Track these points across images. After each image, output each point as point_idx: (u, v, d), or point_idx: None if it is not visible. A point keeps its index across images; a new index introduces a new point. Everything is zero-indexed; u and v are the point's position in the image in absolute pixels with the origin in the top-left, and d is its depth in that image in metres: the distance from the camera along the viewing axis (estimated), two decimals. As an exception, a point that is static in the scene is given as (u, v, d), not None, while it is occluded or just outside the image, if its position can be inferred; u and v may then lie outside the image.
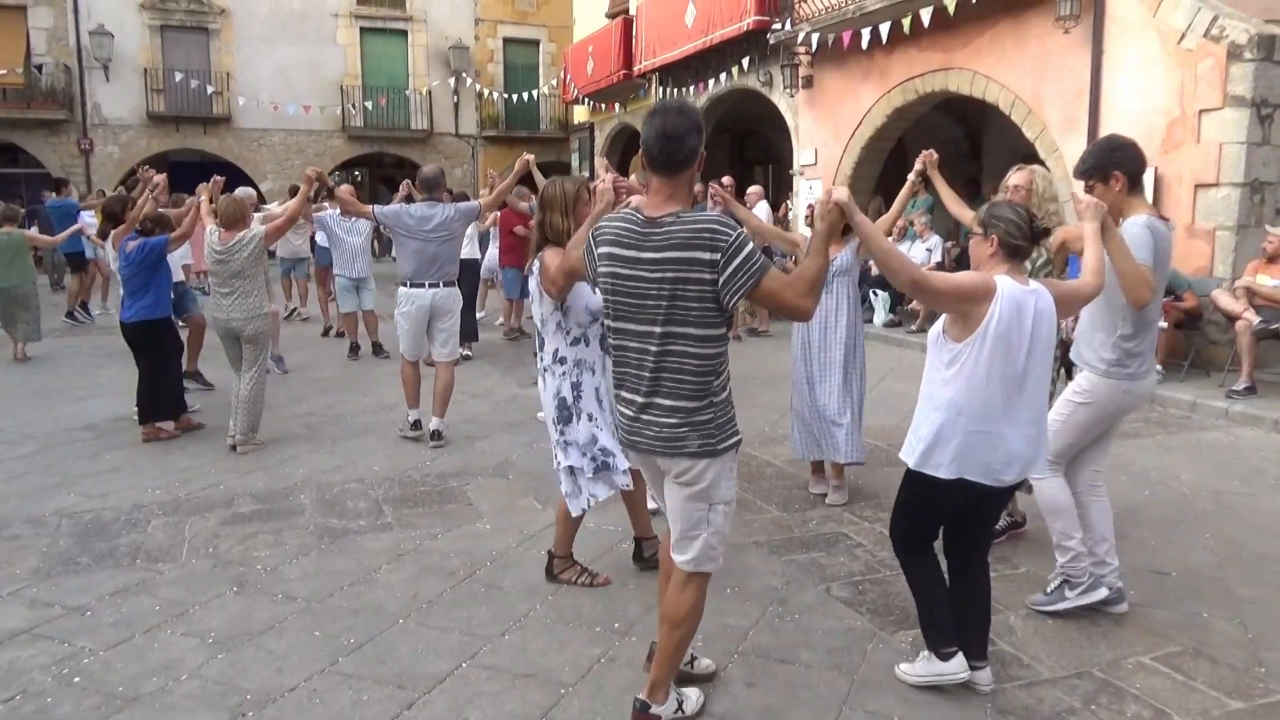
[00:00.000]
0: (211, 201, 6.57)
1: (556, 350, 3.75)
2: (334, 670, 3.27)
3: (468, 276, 9.14)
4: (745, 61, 14.31)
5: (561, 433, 3.76)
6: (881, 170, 13.32)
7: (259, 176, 22.67)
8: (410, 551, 4.39)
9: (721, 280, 2.46)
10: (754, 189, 12.01)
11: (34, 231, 12.45)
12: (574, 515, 3.87)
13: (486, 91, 24.65)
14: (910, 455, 3.00)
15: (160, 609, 3.78)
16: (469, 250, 9.71)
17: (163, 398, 6.49)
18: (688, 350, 2.54)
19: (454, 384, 6.40)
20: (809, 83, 13.40)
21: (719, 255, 2.45)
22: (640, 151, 2.63)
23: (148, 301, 6.39)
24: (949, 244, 11.83)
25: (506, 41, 25.58)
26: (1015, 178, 4.32)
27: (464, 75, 24.49)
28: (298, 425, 6.82)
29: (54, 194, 14.47)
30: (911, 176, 4.79)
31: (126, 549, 4.44)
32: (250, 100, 22.44)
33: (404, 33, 24.54)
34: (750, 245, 2.48)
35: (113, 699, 3.10)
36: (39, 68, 21.26)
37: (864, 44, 11.52)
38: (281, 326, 9.51)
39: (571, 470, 3.75)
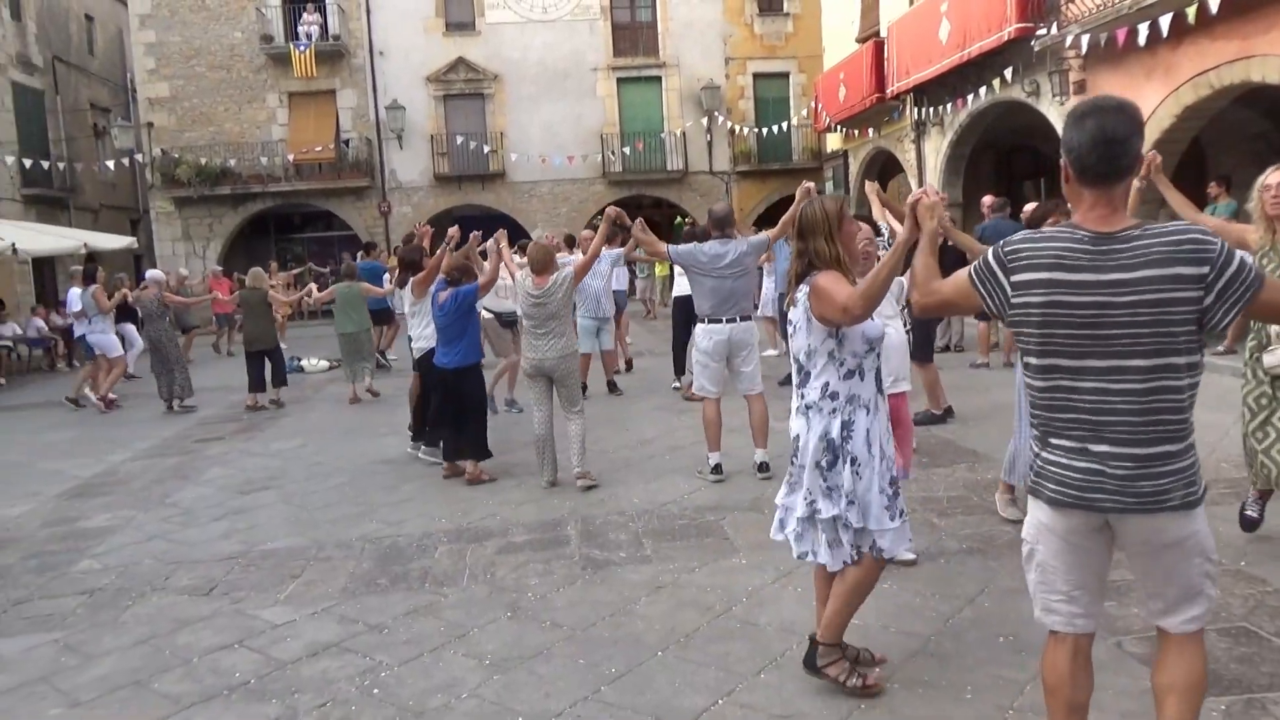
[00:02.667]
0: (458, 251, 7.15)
1: (827, 384, 3.30)
2: (596, 698, 3.39)
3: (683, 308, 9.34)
4: (1008, 72, 13.52)
5: (824, 478, 3.28)
6: (1172, 175, 12.03)
7: (530, 225, 24.36)
8: (668, 584, 4.48)
9: (1212, 298, 2.16)
10: (1030, 206, 11.25)
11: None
12: (831, 569, 3.34)
13: (738, 128, 25.07)
14: None
15: (444, 630, 4.11)
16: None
17: (476, 437, 6.79)
18: (1168, 384, 2.21)
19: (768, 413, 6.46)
20: (1081, 88, 12.42)
21: (1208, 269, 2.15)
22: (1066, 161, 2.33)
23: (463, 347, 6.71)
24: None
25: (756, 77, 25.92)
26: (1276, 176, 3.77)
27: (716, 114, 25.08)
28: (564, 459, 7.18)
29: (363, 255, 16.32)
30: (1137, 183, 4.34)
31: (417, 573, 4.88)
32: (521, 155, 24.32)
33: (658, 79, 25.59)
34: (1240, 254, 2.19)
35: (405, 712, 3.40)
36: (346, 142, 24.54)
37: (1142, 40, 10.51)
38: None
39: (834, 520, 3.27)
